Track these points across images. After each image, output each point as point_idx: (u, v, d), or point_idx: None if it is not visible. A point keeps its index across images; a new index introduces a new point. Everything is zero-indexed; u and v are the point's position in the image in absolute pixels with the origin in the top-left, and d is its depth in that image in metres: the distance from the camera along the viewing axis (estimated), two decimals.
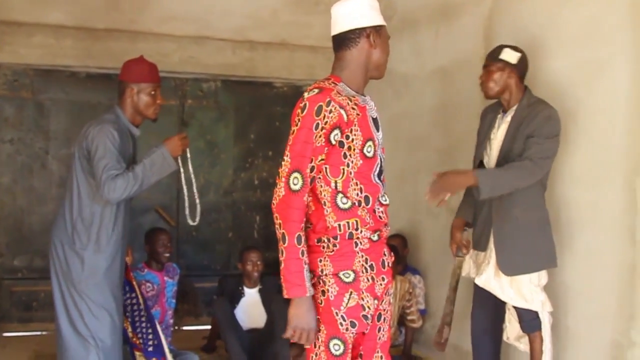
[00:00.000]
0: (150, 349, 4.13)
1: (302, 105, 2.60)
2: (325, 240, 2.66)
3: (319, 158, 2.60)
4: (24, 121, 5.85)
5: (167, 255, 4.91)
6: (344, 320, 2.64)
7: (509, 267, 3.75)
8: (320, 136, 2.57)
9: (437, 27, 5.39)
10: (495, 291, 3.88)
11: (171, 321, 4.99)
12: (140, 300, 4.21)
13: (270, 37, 6.29)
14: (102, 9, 5.74)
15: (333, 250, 2.66)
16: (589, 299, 3.84)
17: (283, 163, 2.58)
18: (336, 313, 2.64)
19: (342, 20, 2.73)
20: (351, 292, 2.64)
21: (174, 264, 5.12)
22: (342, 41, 2.74)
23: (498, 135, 3.90)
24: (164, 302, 4.90)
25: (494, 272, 3.88)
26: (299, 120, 2.59)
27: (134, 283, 4.22)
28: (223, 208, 6.42)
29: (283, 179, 2.57)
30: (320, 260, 2.66)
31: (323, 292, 2.65)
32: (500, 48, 3.85)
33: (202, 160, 6.19)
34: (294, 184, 2.56)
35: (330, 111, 2.57)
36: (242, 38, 6.21)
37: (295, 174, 2.56)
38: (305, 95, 2.62)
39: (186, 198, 3.97)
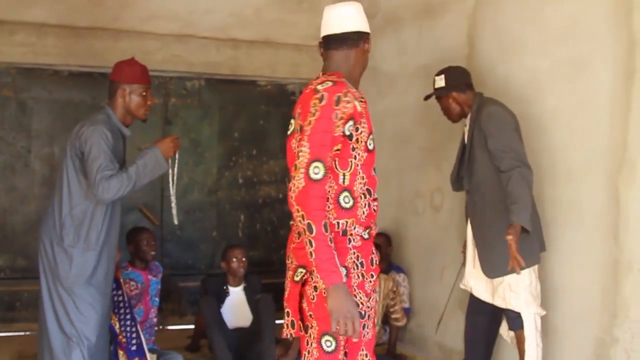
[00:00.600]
0: (134, 347, 4.13)
1: (318, 96, 2.61)
2: None
3: (335, 148, 2.62)
4: (6, 120, 5.81)
5: (153, 253, 4.91)
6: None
7: (489, 269, 3.79)
8: (338, 126, 2.60)
9: (421, 25, 5.40)
10: (477, 292, 3.91)
11: (155, 320, 4.96)
12: (126, 299, 4.23)
13: (254, 35, 6.28)
14: (84, 7, 5.71)
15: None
16: (572, 296, 3.86)
17: (301, 154, 2.56)
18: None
19: (348, 21, 2.82)
20: None
21: (157, 262, 5.10)
22: (344, 41, 2.82)
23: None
24: (148, 300, 4.88)
25: (473, 272, 3.91)
26: (316, 110, 2.59)
27: (121, 281, 4.24)
28: (207, 207, 6.40)
29: (302, 170, 2.54)
30: None
31: (315, 287, 2.66)
32: (433, 80, 4.02)
33: (186, 159, 6.16)
34: (315, 174, 2.53)
35: (348, 102, 2.62)
36: (226, 36, 6.20)
37: (316, 163, 2.54)
38: (319, 87, 2.65)
39: (173, 198, 4.01)
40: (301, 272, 2.69)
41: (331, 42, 2.83)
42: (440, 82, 3.95)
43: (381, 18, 5.90)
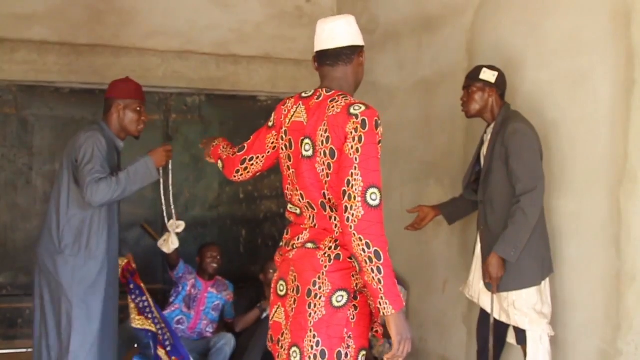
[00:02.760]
0: (169, 348, 4.23)
1: (358, 121, 2.59)
2: None
3: None
4: (8, 137, 5.82)
5: (214, 266, 5.34)
6: (377, 329, 2.76)
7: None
8: (379, 150, 2.62)
9: (420, 40, 5.42)
10: (483, 304, 3.91)
11: (208, 333, 5.19)
12: (152, 304, 4.30)
13: (254, 51, 6.30)
14: (85, 25, 5.74)
15: None
16: (575, 308, 3.85)
17: (352, 182, 2.54)
18: (373, 323, 2.75)
19: (341, 36, 2.78)
20: None
21: (228, 281, 5.43)
22: (338, 57, 2.79)
23: (484, 153, 3.97)
24: (201, 310, 5.16)
25: (479, 285, 3.91)
26: (360, 136, 2.58)
27: (143, 286, 4.32)
28: (209, 222, 6.40)
29: (359, 198, 2.52)
30: (353, 275, 2.68)
31: (355, 306, 2.67)
32: (479, 68, 3.93)
33: (187, 175, 6.18)
34: (372, 200, 2.53)
35: (380, 125, 2.65)
36: (226, 52, 6.22)
37: (373, 190, 2.54)
38: (355, 111, 2.62)
39: (164, 207, 4.15)
40: (342, 295, 2.65)
41: (325, 58, 2.80)
42: (491, 77, 3.86)
43: (380, 33, 5.93)
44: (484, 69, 3.90)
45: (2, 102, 5.80)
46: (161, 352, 4.19)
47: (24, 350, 5.62)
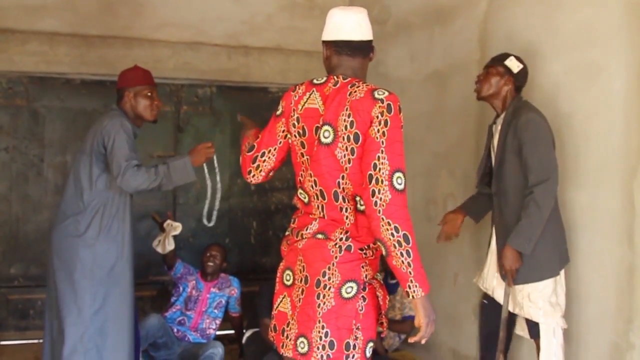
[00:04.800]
0: None
1: (384, 105, 2.59)
2: (366, 248, 2.70)
3: None
4: (19, 129, 5.83)
5: (211, 265, 5.19)
6: (382, 321, 2.78)
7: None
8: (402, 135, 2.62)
9: (432, 32, 5.39)
10: (498, 296, 3.89)
11: (210, 330, 5.13)
12: None
13: (265, 42, 6.29)
14: (96, 16, 5.74)
15: (374, 255, 2.72)
16: (587, 301, 3.84)
17: (379, 166, 2.54)
18: (380, 315, 2.76)
19: (364, 29, 2.79)
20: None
21: (232, 277, 5.35)
22: (360, 49, 2.79)
23: (494, 145, 3.94)
24: (202, 310, 5.09)
25: (493, 277, 3.90)
26: (386, 120, 2.57)
27: None
28: (219, 214, 6.34)
29: (385, 182, 2.52)
30: (363, 267, 2.69)
31: (364, 298, 2.68)
32: (506, 55, 3.89)
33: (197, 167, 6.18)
34: (399, 184, 2.53)
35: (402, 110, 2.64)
36: (237, 43, 6.21)
37: (398, 174, 2.54)
38: (380, 95, 2.61)
39: (207, 203, 4.14)
40: (351, 286, 2.65)
41: (347, 48, 2.78)
42: (515, 67, 3.82)
43: (392, 24, 5.90)
44: (512, 57, 3.86)
45: (14, 94, 5.81)
46: None
47: (36, 341, 5.64)
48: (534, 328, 3.78)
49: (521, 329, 3.98)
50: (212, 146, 3.93)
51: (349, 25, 2.77)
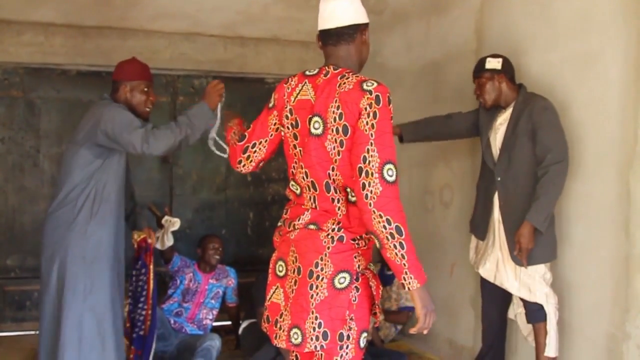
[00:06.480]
0: (135, 335, 4.17)
1: (372, 97, 2.56)
2: (359, 238, 2.68)
3: None
4: (15, 120, 5.82)
5: (217, 257, 5.21)
6: (375, 312, 2.74)
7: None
8: (392, 126, 2.60)
9: (429, 21, 5.38)
10: (501, 282, 3.92)
11: (207, 321, 5.15)
12: (150, 287, 4.22)
13: (262, 32, 6.27)
14: (92, 6, 5.70)
15: (366, 245, 2.70)
16: (584, 292, 3.84)
17: (369, 159, 2.51)
18: (374, 305, 2.73)
19: (342, 14, 2.73)
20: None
21: (229, 267, 5.35)
22: (340, 36, 2.74)
23: (498, 137, 4.00)
24: (200, 301, 5.10)
25: (497, 262, 3.92)
26: (374, 112, 2.55)
27: (151, 267, 4.24)
28: (216, 205, 6.40)
29: (376, 175, 2.49)
30: (355, 257, 2.67)
31: (357, 288, 2.66)
32: (483, 59, 4.02)
33: (194, 157, 6.17)
34: (389, 176, 2.50)
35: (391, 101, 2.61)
36: (233, 34, 6.19)
37: (389, 166, 2.51)
38: (368, 87, 2.58)
39: (214, 148, 3.74)
40: (344, 277, 2.63)
41: (328, 38, 2.76)
42: (497, 64, 3.95)
43: (389, 14, 5.88)
44: (488, 59, 3.99)
45: (9, 85, 5.79)
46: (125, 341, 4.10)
47: (33, 332, 5.64)
48: (536, 313, 3.82)
49: (512, 313, 4.04)
50: (219, 82, 3.83)
51: (325, 14, 2.76)
